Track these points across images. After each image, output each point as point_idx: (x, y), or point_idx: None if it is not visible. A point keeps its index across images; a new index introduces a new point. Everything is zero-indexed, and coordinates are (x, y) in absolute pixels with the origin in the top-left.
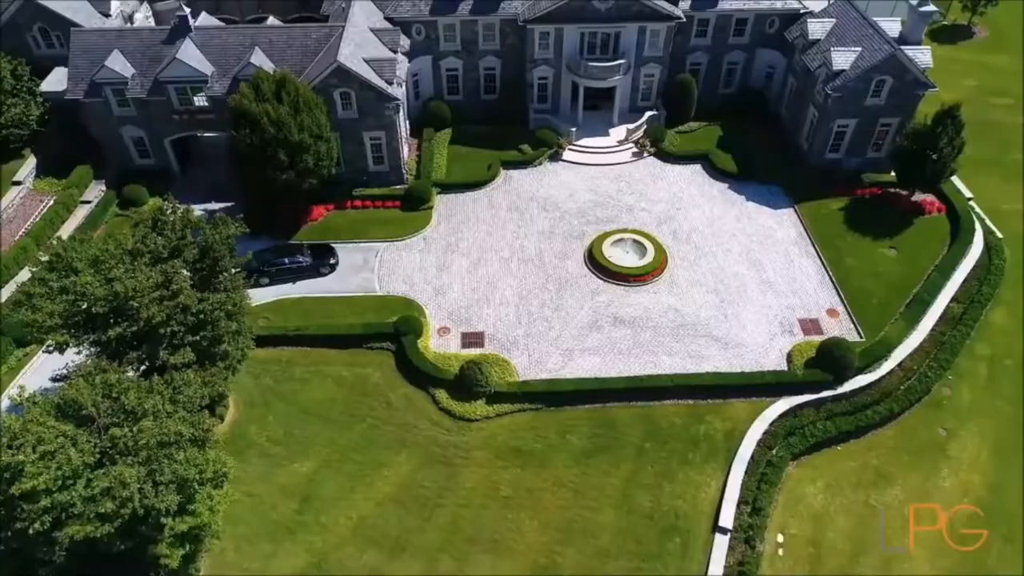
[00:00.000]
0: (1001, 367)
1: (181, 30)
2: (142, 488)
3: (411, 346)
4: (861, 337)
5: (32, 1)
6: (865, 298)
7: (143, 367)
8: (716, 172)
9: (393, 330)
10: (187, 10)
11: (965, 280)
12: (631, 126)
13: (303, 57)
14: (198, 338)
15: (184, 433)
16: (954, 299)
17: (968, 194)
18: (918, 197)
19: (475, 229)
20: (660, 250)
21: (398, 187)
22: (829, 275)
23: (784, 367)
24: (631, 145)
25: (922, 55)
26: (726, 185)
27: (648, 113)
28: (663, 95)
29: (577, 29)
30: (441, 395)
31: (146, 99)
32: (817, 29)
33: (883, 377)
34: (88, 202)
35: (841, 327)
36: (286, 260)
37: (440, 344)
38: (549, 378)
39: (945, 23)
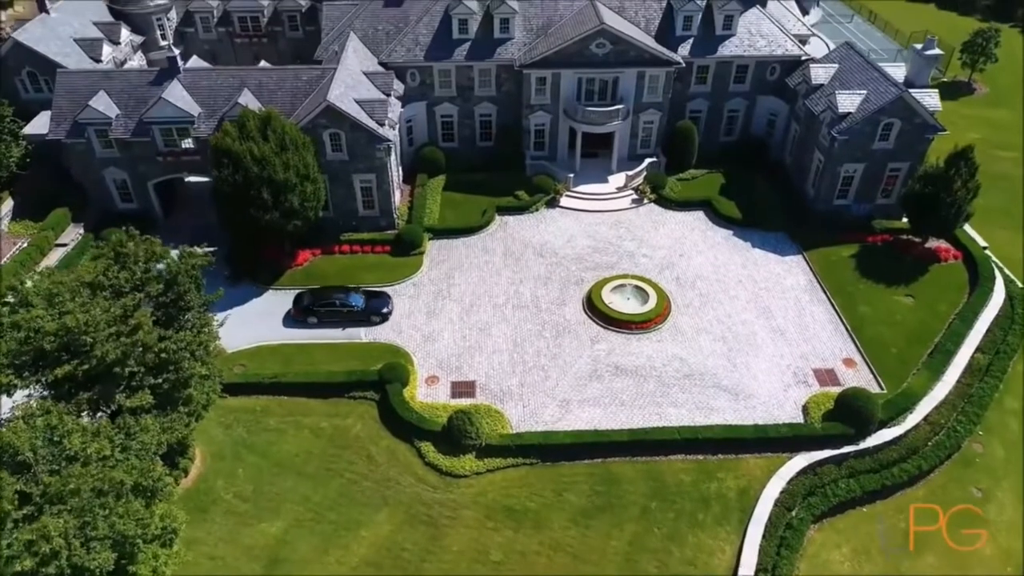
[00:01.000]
0: None
1: (170, 72)
2: (71, 544)
3: (396, 395)
4: (882, 388)
5: (22, 45)
6: (882, 347)
7: (100, 411)
8: (719, 219)
9: (377, 378)
10: (177, 51)
11: (988, 330)
12: (630, 172)
13: (293, 98)
14: (160, 381)
15: (126, 482)
16: (979, 349)
17: (983, 243)
18: (932, 244)
19: (468, 275)
20: (663, 296)
21: (388, 232)
22: (843, 323)
23: (800, 420)
24: (630, 192)
25: (929, 98)
26: (730, 232)
27: (648, 160)
28: (663, 142)
29: (574, 74)
30: (427, 448)
31: (130, 140)
32: (820, 74)
33: (909, 432)
34: (64, 245)
35: (859, 378)
36: (337, 301)
37: (428, 394)
38: (545, 430)
39: (945, 79)
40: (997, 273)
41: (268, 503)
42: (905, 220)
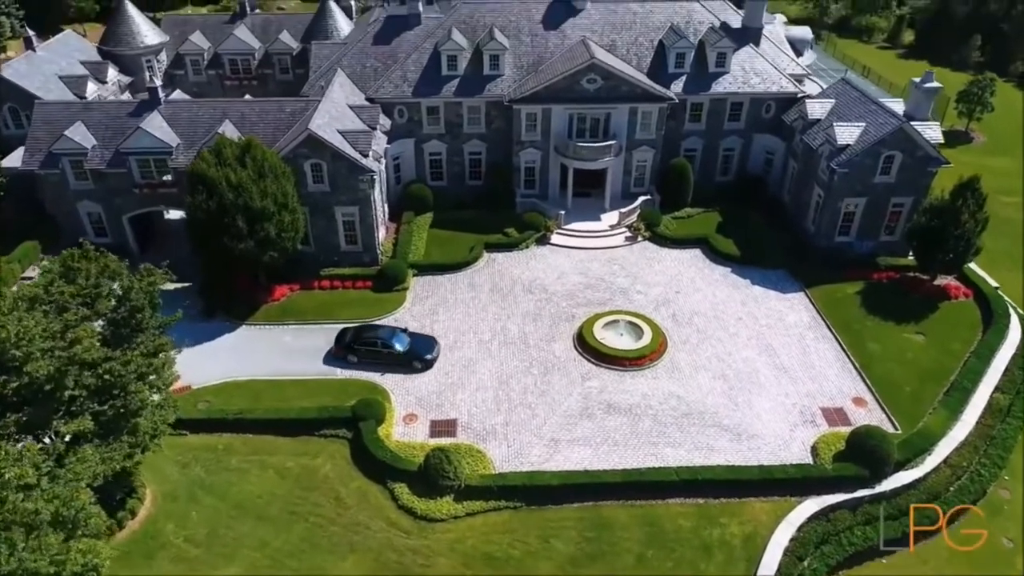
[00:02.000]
0: None
1: (150, 103)
2: None
3: (369, 433)
4: (896, 428)
5: (5, 80)
6: (895, 386)
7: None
8: (716, 256)
9: (351, 415)
10: (158, 83)
11: (1007, 369)
12: (623, 210)
13: (276, 130)
14: (105, 407)
15: (43, 512)
16: (998, 389)
17: (994, 283)
18: (941, 281)
19: (452, 311)
20: (658, 333)
21: (371, 267)
22: (851, 361)
23: (809, 461)
24: (624, 229)
25: (931, 130)
26: (728, 269)
27: (641, 198)
28: (657, 180)
29: (565, 110)
30: (401, 490)
31: (105, 171)
32: (817, 109)
33: (929, 475)
34: (29, 278)
35: (871, 417)
36: (379, 341)
37: (405, 433)
38: (530, 470)
39: (942, 129)
40: (1012, 311)
41: (222, 549)
42: (911, 257)
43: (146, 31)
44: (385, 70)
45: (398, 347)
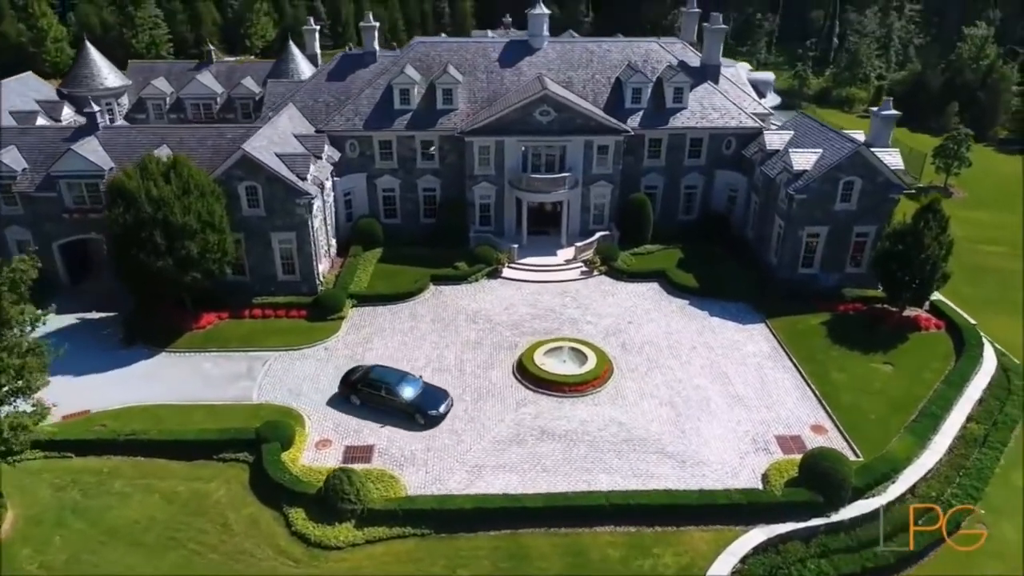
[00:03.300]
0: None
1: (88, 129)
2: None
3: (271, 455)
4: (858, 456)
5: None
6: (858, 414)
7: None
8: (674, 289)
9: (254, 437)
10: (96, 108)
11: (982, 399)
12: (579, 244)
13: (214, 155)
14: None
15: None
16: (972, 419)
17: (972, 320)
18: (911, 312)
19: (388, 340)
20: (603, 359)
21: (307, 296)
22: (812, 389)
23: (758, 488)
24: (579, 264)
25: (890, 156)
26: (686, 302)
27: (600, 233)
28: (617, 217)
29: (519, 142)
30: (297, 515)
31: (34, 195)
32: (775, 140)
33: (893, 504)
34: None
35: (831, 445)
36: (383, 386)
37: (316, 458)
38: (442, 494)
39: (921, 184)
40: (986, 340)
41: None
42: (880, 289)
43: (107, 74)
44: (338, 105)
45: (403, 395)
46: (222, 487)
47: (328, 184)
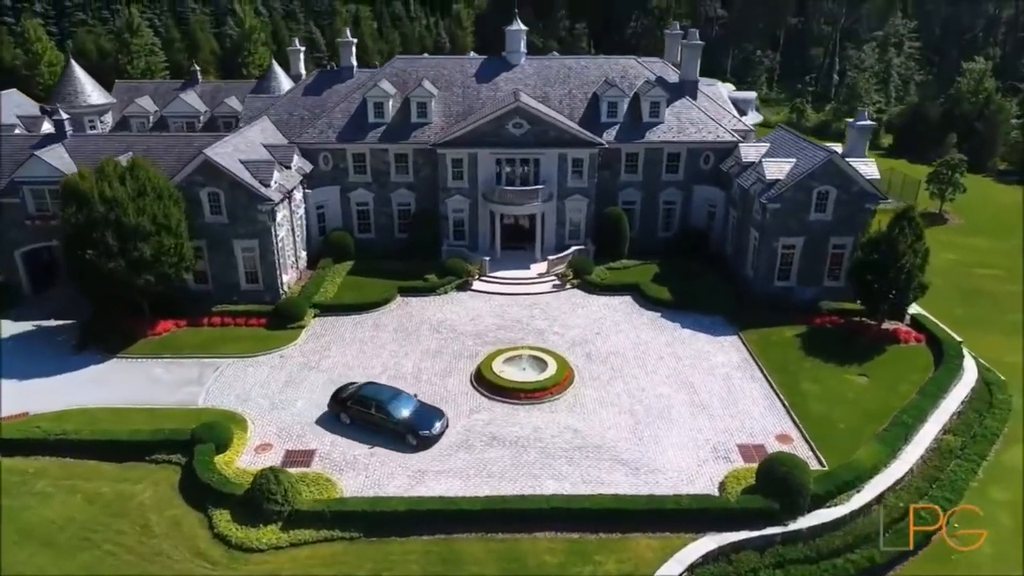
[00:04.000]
0: None
1: (56, 136)
2: None
3: (202, 456)
4: (823, 465)
5: None
6: (827, 424)
7: None
8: (647, 302)
9: (189, 438)
10: (65, 116)
11: (960, 412)
12: (552, 257)
13: (180, 163)
14: None
15: None
16: (948, 431)
17: (957, 337)
18: (890, 326)
19: (347, 348)
20: (564, 367)
21: (268, 304)
22: (780, 399)
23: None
24: (552, 277)
25: (866, 166)
26: (658, 314)
27: (574, 247)
28: (594, 232)
29: (492, 155)
30: (221, 517)
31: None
32: (751, 152)
33: (858, 513)
34: None
35: (796, 453)
36: (374, 403)
37: (254, 462)
38: (374, 496)
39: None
40: (967, 353)
41: None
42: (859, 302)
43: (91, 91)
44: (313, 119)
45: (395, 414)
46: (149, 488)
47: (298, 195)
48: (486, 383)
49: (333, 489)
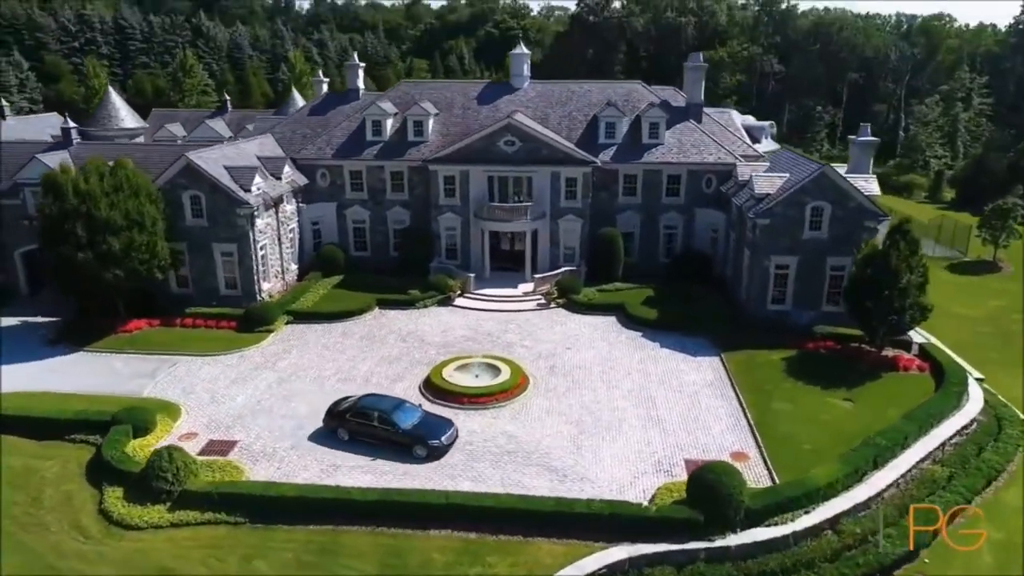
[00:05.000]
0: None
1: (63, 143)
2: None
3: (114, 436)
4: (775, 483)
5: None
6: (792, 444)
7: None
8: (631, 322)
9: (109, 419)
10: (73, 124)
11: (956, 443)
12: (539, 275)
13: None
14: None
15: None
16: (937, 460)
17: (976, 374)
18: (891, 353)
19: (307, 352)
20: (518, 374)
21: (240, 308)
22: (747, 418)
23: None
24: (538, 296)
25: (866, 182)
26: (639, 333)
27: (565, 268)
28: (587, 253)
29: (484, 172)
30: (113, 494)
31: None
32: (748, 171)
33: (802, 535)
34: None
35: (748, 471)
36: (376, 413)
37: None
38: (265, 480)
39: (967, 259)
40: (972, 381)
41: None
42: (858, 326)
43: (124, 115)
44: (314, 136)
45: (399, 424)
46: (57, 465)
47: (290, 208)
48: (433, 388)
49: (240, 476)
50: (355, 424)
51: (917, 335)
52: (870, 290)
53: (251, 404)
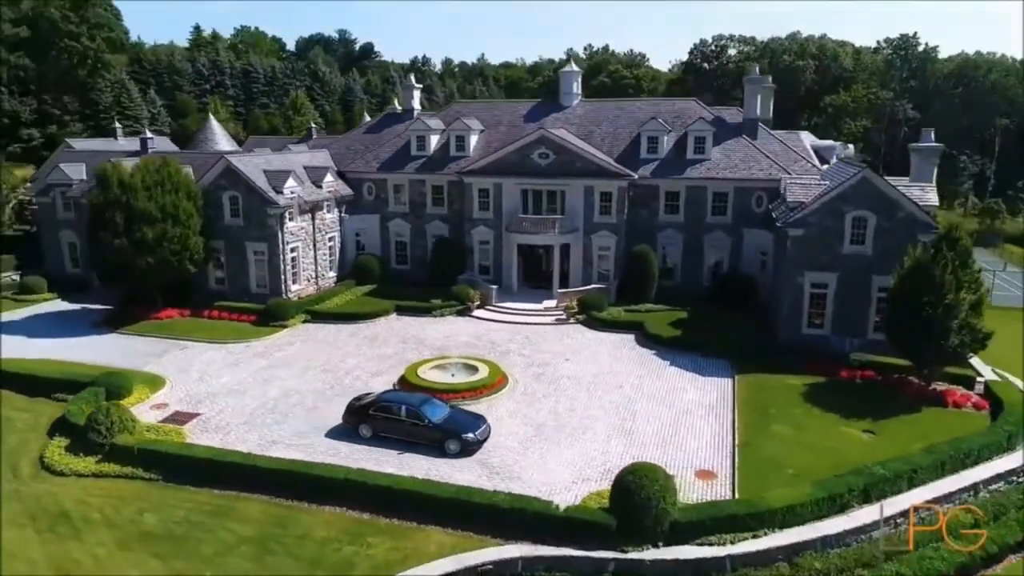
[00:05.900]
0: None
1: (139, 152)
2: None
3: (81, 395)
4: None
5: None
6: (773, 467)
7: None
8: (648, 340)
9: (90, 382)
10: (150, 135)
11: (995, 489)
12: (562, 290)
13: None
14: None
15: None
16: (960, 502)
17: None
18: (940, 387)
19: (307, 346)
20: (496, 375)
21: (261, 304)
22: (733, 438)
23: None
24: (560, 312)
25: (921, 191)
26: (652, 352)
27: (597, 285)
28: (621, 271)
29: (516, 185)
30: (58, 444)
31: (81, 202)
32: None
33: (738, 561)
34: None
35: (708, 491)
36: (404, 407)
37: (139, 413)
38: (184, 442)
39: None
40: None
41: None
42: (901, 354)
43: (220, 139)
44: (365, 152)
45: (430, 418)
46: (32, 417)
47: (330, 216)
48: (406, 384)
49: (182, 439)
50: (381, 420)
51: (987, 371)
52: (910, 308)
53: (231, 385)
